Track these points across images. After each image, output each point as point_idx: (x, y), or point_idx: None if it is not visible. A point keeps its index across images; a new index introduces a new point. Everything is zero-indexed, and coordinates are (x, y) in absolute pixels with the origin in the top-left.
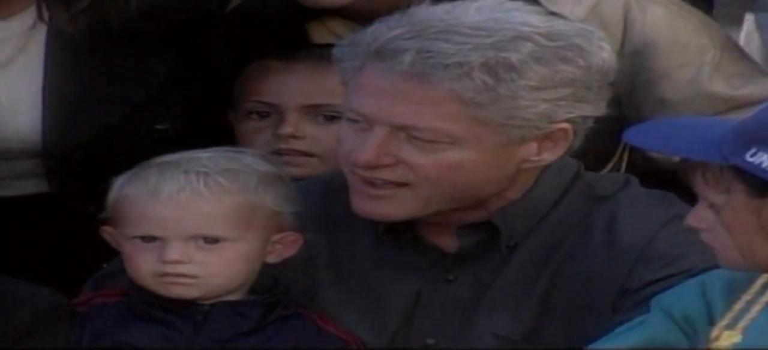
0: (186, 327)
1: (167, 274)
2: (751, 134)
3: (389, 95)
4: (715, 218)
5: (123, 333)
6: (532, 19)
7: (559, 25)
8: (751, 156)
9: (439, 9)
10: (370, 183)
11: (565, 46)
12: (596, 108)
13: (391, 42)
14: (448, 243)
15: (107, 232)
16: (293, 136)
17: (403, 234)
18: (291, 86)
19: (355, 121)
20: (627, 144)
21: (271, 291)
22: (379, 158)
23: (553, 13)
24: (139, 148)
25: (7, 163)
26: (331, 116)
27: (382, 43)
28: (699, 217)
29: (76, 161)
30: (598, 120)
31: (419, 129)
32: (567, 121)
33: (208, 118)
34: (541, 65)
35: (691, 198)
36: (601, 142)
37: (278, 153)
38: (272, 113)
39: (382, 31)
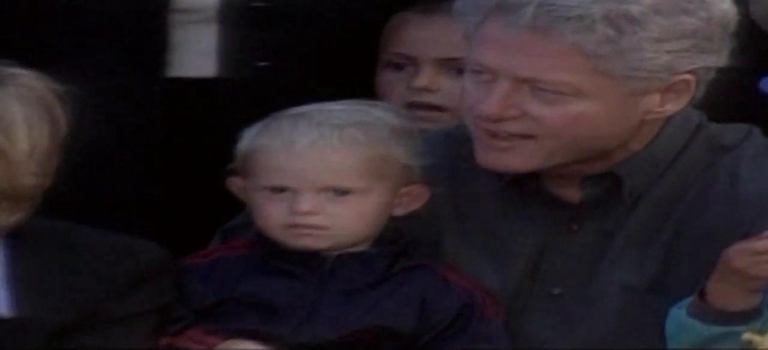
0: (312, 279)
1: (297, 225)
2: None
3: (512, 48)
4: None
5: (248, 284)
6: None
7: None
8: None
9: None
10: (495, 135)
11: None
12: (718, 59)
13: None
14: (572, 194)
15: (234, 183)
16: (427, 89)
17: (527, 185)
18: (428, 38)
19: (478, 73)
20: None
21: (396, 243)
22: (504, 110)
23: None
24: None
25: (184, 32)
26: None
27: None
28: None
29: (252, 17)
30: None
31: (543, 81)
32: (689, 72)
33: None
34: (663, 17)
35: None
36: None
37: (412, 106)
38: (408, 65)
39: None
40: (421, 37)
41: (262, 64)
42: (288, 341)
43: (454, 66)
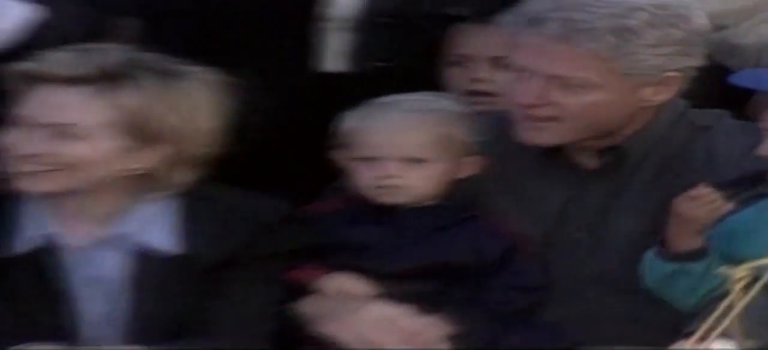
0: (393, 226)
1: (383, 186)
2: None
3: (543, 53)
4: None
5: (346, 230)
6: None
7: None
8: None
9: None
10: (531, 118)
11: (672, 15)
12: (698, 60)
13: (541, 13)
14: (590, 162)
15: (337, 154)
16: (482, 81)
17: (555, 155)
18: (483, 42)
19: (519, 72)
20: None
21: (457, 199)
22: (538, 100)
23: None
24: (433, 25)
25: (325, 36)
26: None
27: (534, 14)
28: None
29: (382, 29)
30: None
31: (567, 78)
32: (676, 70)
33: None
34: (655, 29)
35: None
36: None
37: (470, 94)
38: (468, 62)
39: (534, 5)
40: (477, 41)
41: (379, 63)
42: (375, 272)
43: (503, 63)
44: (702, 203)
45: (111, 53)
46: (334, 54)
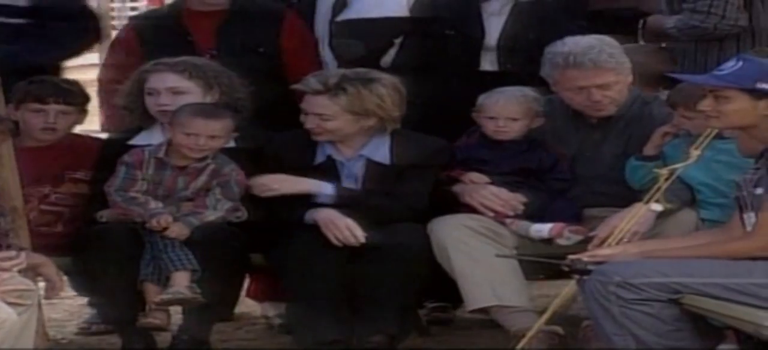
0: (499, 150)
1: (497, 130)
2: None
3: (592, 76)
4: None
5: (476, 153)
6: None
7: None
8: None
9: None
10: (594, 105)
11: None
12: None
13: (575, 56)
14: (594, 121)
15: (474, 114)
16: None
17: (577, 117)
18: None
19: (577, 90)
20: None
21: (531, 136)
22: (600, 98)
23: None
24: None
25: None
26: None
27: (569, 56)
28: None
29: (521, 48)
30: None
31: (607, 84)
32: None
33: None
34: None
35: None
36: None
37: None
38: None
39: (562, 49)
40: None
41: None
42: (489, 172)
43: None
44: (660, 134)
45: (334, 75)
46: (486, 60)
